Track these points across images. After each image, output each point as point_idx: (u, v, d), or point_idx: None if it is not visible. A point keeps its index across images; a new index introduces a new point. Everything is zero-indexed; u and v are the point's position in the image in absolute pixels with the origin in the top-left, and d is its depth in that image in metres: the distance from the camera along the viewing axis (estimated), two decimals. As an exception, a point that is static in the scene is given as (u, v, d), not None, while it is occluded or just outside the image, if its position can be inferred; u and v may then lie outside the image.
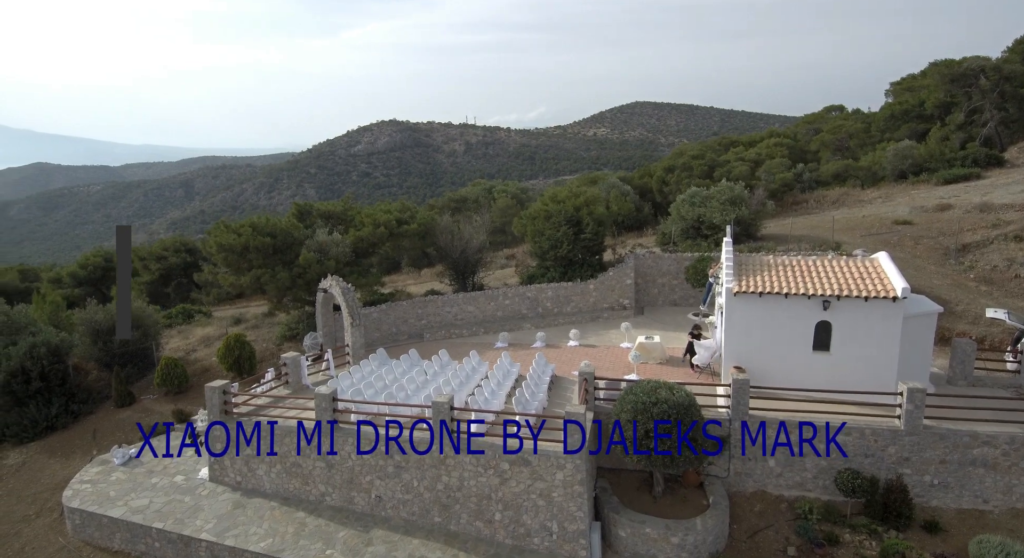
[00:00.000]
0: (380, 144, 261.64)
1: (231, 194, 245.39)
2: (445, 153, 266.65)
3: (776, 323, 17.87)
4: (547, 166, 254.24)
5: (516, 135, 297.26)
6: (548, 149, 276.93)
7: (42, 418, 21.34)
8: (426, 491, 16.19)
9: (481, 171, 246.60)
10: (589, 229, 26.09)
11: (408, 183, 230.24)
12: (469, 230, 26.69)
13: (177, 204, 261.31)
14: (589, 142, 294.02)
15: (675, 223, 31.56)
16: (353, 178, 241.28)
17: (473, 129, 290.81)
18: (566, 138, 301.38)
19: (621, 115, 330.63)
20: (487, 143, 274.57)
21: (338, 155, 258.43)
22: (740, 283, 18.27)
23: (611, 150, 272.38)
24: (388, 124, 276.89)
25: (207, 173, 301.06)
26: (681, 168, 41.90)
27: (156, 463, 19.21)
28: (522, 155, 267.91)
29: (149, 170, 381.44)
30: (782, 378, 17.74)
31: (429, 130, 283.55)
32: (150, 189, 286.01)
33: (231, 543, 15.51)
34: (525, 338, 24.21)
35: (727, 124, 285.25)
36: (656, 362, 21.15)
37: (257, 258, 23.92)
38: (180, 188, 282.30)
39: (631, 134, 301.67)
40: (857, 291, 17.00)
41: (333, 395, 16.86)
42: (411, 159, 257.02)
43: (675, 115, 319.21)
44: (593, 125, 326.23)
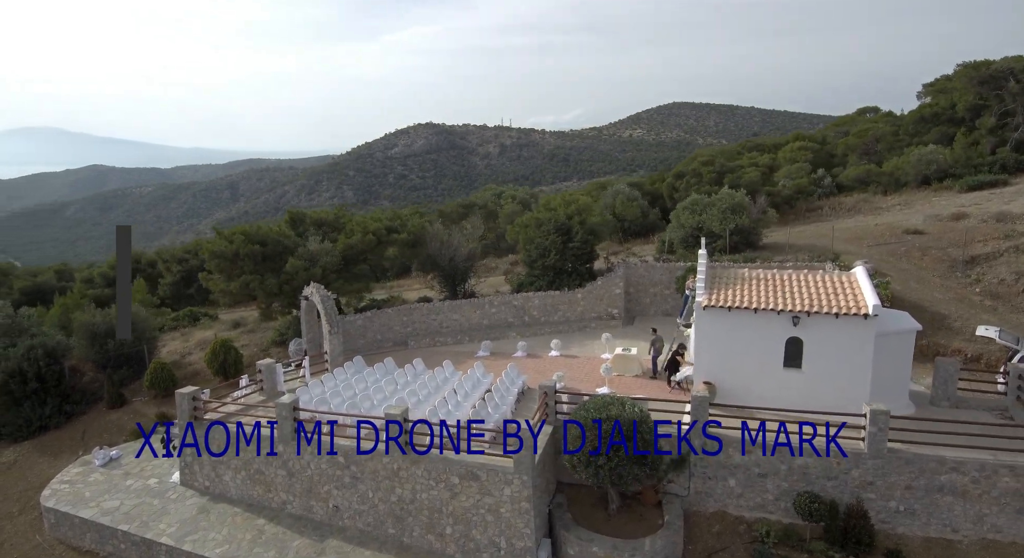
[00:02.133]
0: (416, 147, 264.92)
1: (274, 196, 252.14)
2: (479, 155, 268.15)
3: (746, 338, 17.35)
4: (581, 168, 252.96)
5: (551, 137, 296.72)
6: (583, 151, 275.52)
7: (36, 418, 22.36)
8: (381, 502, 16.26)
9: (514, 173, 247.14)
10: (578, 238, 25.80)
11: (443, 185, 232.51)
12: (459, 238, 26.73)
13: (223, 205, 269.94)
14: (625, 144, 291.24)
15: (675, 231, 30.97)
16: (389, 180, 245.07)
17: (508, 131, 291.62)
18: (601, 140, 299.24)
19: (658, 116, 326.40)
20: (521, 145, 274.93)
21: (376, 157, 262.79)
22: (709, 297, 17.80)
23: (647, 151, 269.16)
24: (424, 127, 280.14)
25: (252, 175, 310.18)
26: (691, 174, 41.06)
27: (134, 465, 19.84)
28: (556, 157, 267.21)
29: (198, 172, 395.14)
30: (753, 395, 17.25)
31: (464, 132, 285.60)
32: (198, 190, 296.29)
33: (188, 548, 15.87)
34: (509, 347, 24.08)
35: (768, 124, 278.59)
36: (632, 375, 20.77)
37: (247, 265, 24.48)
38: (226, 189, 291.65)
39: (668, 135, 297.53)
40: (828, 307, 16.36)
41: (294, 405, 17.11)
42: (446, 161, 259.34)
43: (714, 116, 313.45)
44: (629, 126, 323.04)
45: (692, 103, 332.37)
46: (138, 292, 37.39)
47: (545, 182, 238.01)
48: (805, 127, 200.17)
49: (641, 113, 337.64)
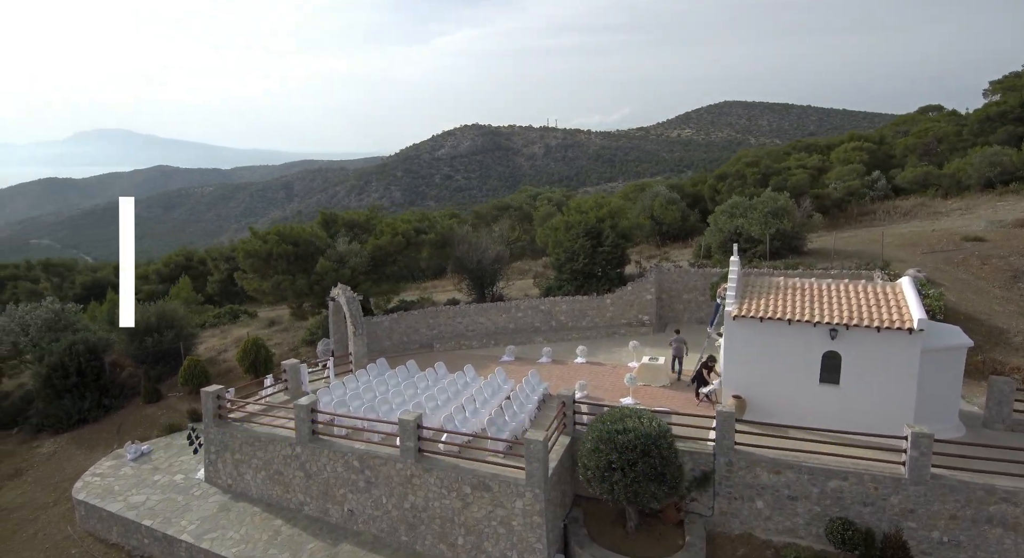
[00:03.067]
0: (462, 148, 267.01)
1: (326, 196, 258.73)
2: (525, 156, 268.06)
3: (779, 351, 16.41)
4: (627, 168, 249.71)
5: (597, 137, 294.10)
6: (629, 151, 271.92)
7: (75, 411, 23.24)
8: (394, 509, 16.08)
9: (559, 174, 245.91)
10: (609, 242, 25.10)
11: (487, 186, 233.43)
12: (487, 240, 26.42)
13: (279, 205, 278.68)
14: (673, 144, 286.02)
15: (713, 235, 29.84)
16: (436, 181, 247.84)
17: (553, 132, 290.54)
18: (648, 140, 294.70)
19: (708, 115, 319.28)
20: (567, 146, 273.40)
21: (423, 159, 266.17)
22: (740, 306, 16.93)
23: (695, 152, 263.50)
24: (471, 128, 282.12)
25: (305, 176, 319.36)
26: (734, 176, 39.59)
27: (164, 460, 20.33)
28: (602, 158, 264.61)
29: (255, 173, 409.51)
30: (786, 411, 16.31)
31: (510, 133, 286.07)
32: (255, 190, 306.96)
33: (206, 546, 16.06)
34: (534, 352, 23.63)
35: (825, 124, 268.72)
36: (659, 385, 20.00)
37: (280, 264, 24.84)
38: (282, 190, 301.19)
39: (718, 135, 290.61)
40: (869, 320, 15.28)
41: (312, 406, 17.14)
42: (491, 162, 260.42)
43: (767, 114, 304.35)
44: (678, 126, 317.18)
45: (744, 102, 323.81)
46: (183, 289, 38.69)
47: (590, 183, 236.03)
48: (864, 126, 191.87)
49: (690, 112, 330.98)
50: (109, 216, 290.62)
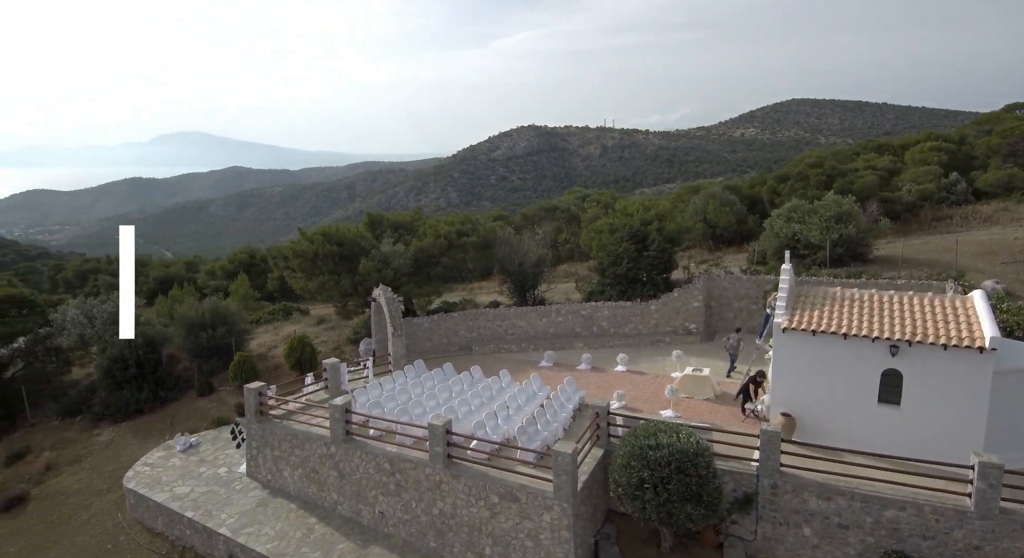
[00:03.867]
0: (518, 149, 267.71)
1: (385, 196, 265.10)
2: (580, 157, 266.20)
3: (833, 368, 15.33)
4: (686, 169, 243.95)
5: (655, 137, 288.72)
6: (688, 151, 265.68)
7: (133, 401, 24.36)
8: (423, 514, 15.95)
9: (615, 174, 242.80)
10: (654, 246, 24.26)
11: (542, 187, 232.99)
12: (529, 243, 26.05)
13: (342, 204, 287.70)
14: (735, 143, 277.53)
15: (768, 240, 28.42)
16: (491, 182, 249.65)
17: (610, 132, 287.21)
18: (710, 139, 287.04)
19: (774, 114, 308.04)
20: (623, 146, 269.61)
21: (479, 160, 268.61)
22: (791, 318, 15.92)
23: (759, 151, 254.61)
24: (527, 129, 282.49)
25: (367, 177, 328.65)
26: (796, 177, 37.66)
27: (210, 453, 20.97)
28: (660, 158, 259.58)
29: (321, 174, 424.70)
30: (839, 432, 15.25)
31: (566, 134, 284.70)
32: (321, 191, 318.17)
33: (242, 541, 16.38)
34: (573, 358, 23.09)
35: (903, 122, 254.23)
36: (702, 398, 19.11)
37: (326, 264, 25.28)
38: (345, 190, 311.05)
39: (784, 134, 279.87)
40: (934, 337, 14.03)
41: (346, 407, 17.23)
42: (546, 163, 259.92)
43: (839, 113, 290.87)
44: (741, 125, 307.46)
45: (813, 99, 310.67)
46: (241, 286, 40.18)
47: (647, 184, 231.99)
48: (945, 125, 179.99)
49: (755, 111, 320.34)
50: (188, 214, 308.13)
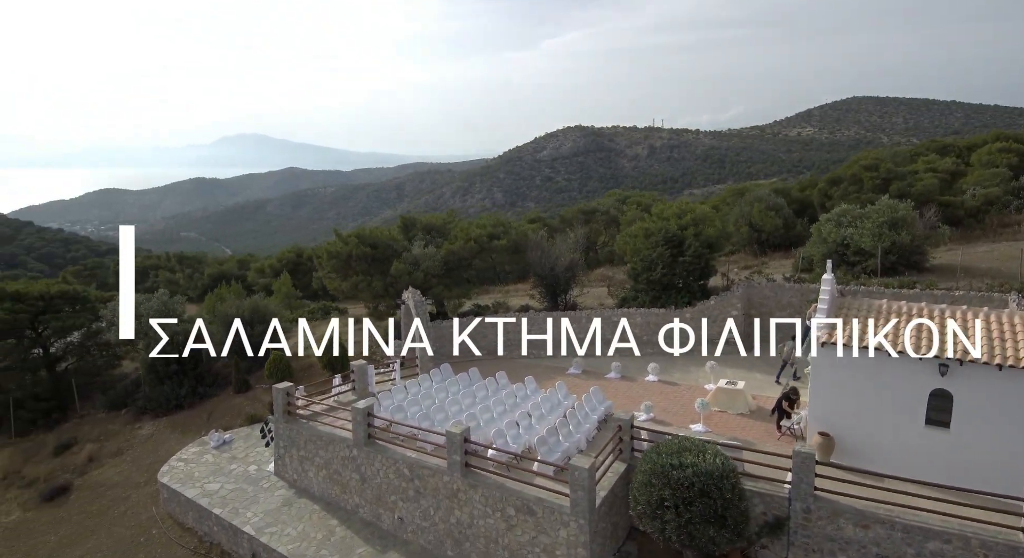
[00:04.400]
0: (564, 149, 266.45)
1: (432, 197, 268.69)
2: (628, 157, 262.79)
3: (876, 385, 14.35)
4: (738, 169, 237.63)
5: (705, 137, 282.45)
6: (740, 151, 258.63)
7: (173, 396, 25.18)
8: (441, 522, 15.76)
9: (663, 175, 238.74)
10: (691, 251, 23.41)
11: (588, 187, 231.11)
12: (561, 247, 25.58)
13: (391, 204, 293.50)
14: (791, 143, 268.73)
15: (816, 246, 27.07)
16: (536, 182, 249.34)
17: (659, 132, 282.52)
18: (763, 139, 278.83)
19: (833, 112, 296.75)
20: (672, 146, 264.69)
21: (525, 161, 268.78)
22: (832, 331, 14.98)
23: (816, 152, 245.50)
24: (573, 130, 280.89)
25: (416, 178, 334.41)
26: (849, 180, 35.83)
27: (242, 450, 21.41)
28: (710, 158, 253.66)
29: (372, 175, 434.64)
30: (881, 455, 14.28)
31: (613, 134, 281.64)
32: (371, 191, 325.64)
33: (265, 540, 16.58)
34: (603, 366, 22.50)
35: (973, 121, 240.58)
36: (736, 412, 18.26)
37: (359, 266, 25.51)
38: (394, 191, 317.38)
39: (844, 133, 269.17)
40: (988, 355, 12.91)
41: (368, 410, 17.23)
42: (593, 163, 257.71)
43: (903, 111, 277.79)
44: (798, 124, 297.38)
45: (876, 97, 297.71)
46: (284, 284, 41.11)
47: (696, 185, 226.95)
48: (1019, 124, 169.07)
49: (813, 109, 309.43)
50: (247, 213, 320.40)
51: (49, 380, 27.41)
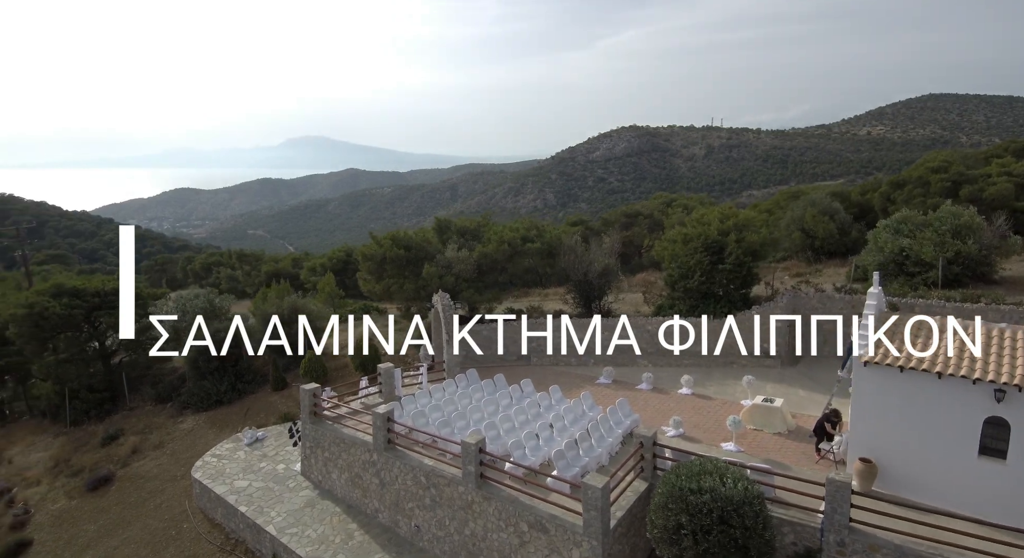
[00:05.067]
0: (618, 150, 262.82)
1: (485, 197, 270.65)
2: (683, 157, 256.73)
3: (924, 410, 13.17)
4: (802, 170, 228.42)
5: (767, 136, 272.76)
6: (805, 151, 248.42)
7: (214, 392, 25.94)
8: (456, 533, 15.48)
9: (720, 176, 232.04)
10: (731, 258, 22.32)
11: (642, 188, 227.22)
12: (596, 252, 24.88)
13: (444, 205, 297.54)
14: (860, 142, 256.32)
15: (872, 255, 25.37)
16: (588, 183, 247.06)
17: (717, 131, 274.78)
18: (830, 139, 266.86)
19: (907, 110, 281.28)
20: (731, 146, 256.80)
21: (577, 161, 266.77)
22: (876, 349, 13.87)
23: (888, 152, 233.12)
24: (627, 130, 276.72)
25: (469, 178, 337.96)
26: (914, 183, 33.47)
27: (273, 448, 21.78)
28: (772, 158, 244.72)
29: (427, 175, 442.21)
30: (929, 486, 13.15)
31: (668, 134, 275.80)
32: (426, 192, 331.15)
33: (285, 541, 16.72)
34: (634, 376, 21.73)
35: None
36: (772, 432, 17.20)
37: (392, 268, 25.62)
38: (448, 191, 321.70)
39: (918, 132, 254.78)
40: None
41: (388, 416, 17.14)
42: (647, 164, 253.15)
43: (985, 109, 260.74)
44: (868, 123, 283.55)
45: (954, 94, 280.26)
46: (328, 283, 41.95)
47: (756, 186, 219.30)
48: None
49: (885, 107, 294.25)
50: (309, 212, 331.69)
51: (104, 372, 28.82)
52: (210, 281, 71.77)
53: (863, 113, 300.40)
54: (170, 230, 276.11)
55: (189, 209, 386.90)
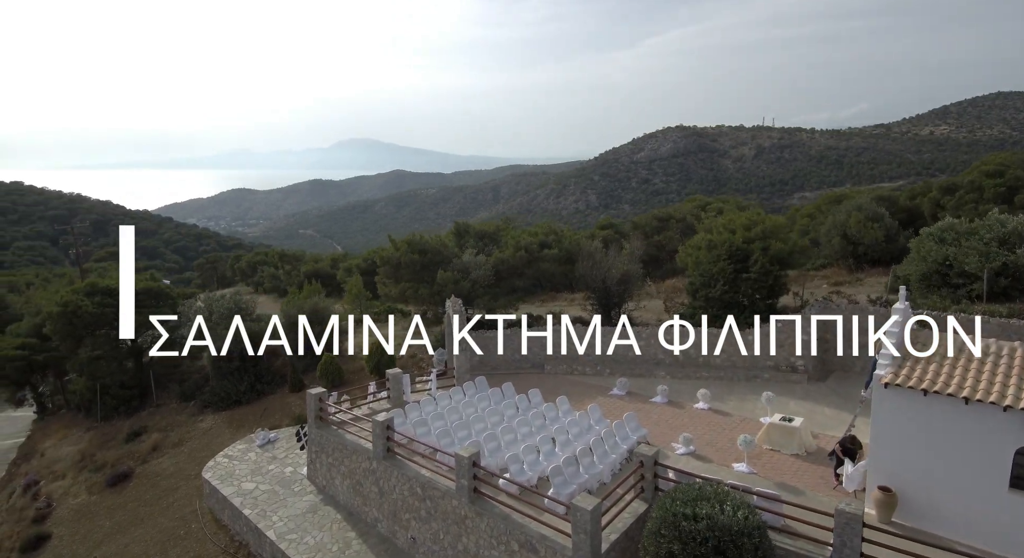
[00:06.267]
0: (663, 150, 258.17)
1: (527, 199, 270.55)
2: (732, 158, 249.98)
3: (949, 438, 12.04)
4: (859, 171, 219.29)
5: (821, 136, 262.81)
6: (862, 152, 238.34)
7: (234, 392, 26.33)
8: (449, 547, 15.07)
9: (770, 177, 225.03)
10: (756, 267, 21.20)
11: (687, 190, 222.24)
12: (616, 257, 24.06)
13: (487, 206, 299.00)
14: (922, 143, 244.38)
15: (914, 264, 23.73)
16: (632, 185, 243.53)
17: (767, 131, 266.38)
18: (889, 139, 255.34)
19: (973, 109, 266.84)
20: (782, 146, 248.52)
21: (621, 162, 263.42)
22: (898, 370, 12.78)
23: (952, 152, 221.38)
24: (673, 130, 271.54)
25: (511, 180, 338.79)
26: (967, 188, 31.29)
27: (283, 451, 21.87)
28: (826, 159, 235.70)
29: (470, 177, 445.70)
30: (955, 520, 12.04)
31: (716, 134, 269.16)
32: (469, 193, 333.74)
33: (283, 546, 16.62)
34: (650, 388, 20.87)
35: None
36: (789, 453, 16.15)
37: (407, 272, 25.48)
38: (490, 192, 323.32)
39: (986, 132, 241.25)
40: (1096, 415, 10.33)
41: (387, 424, 16.89)
42: (693, 165, 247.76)
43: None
44: (931, 122, 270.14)
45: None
46: (355, 285, 42.35)
47: (809, 187, 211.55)
48: None
49: (949, 106, 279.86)
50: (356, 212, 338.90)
51: (135, 370, 29.74)
52: (255, 279, 73.77)
53: (925, 112, 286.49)
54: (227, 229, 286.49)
55: (245, 209, 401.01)
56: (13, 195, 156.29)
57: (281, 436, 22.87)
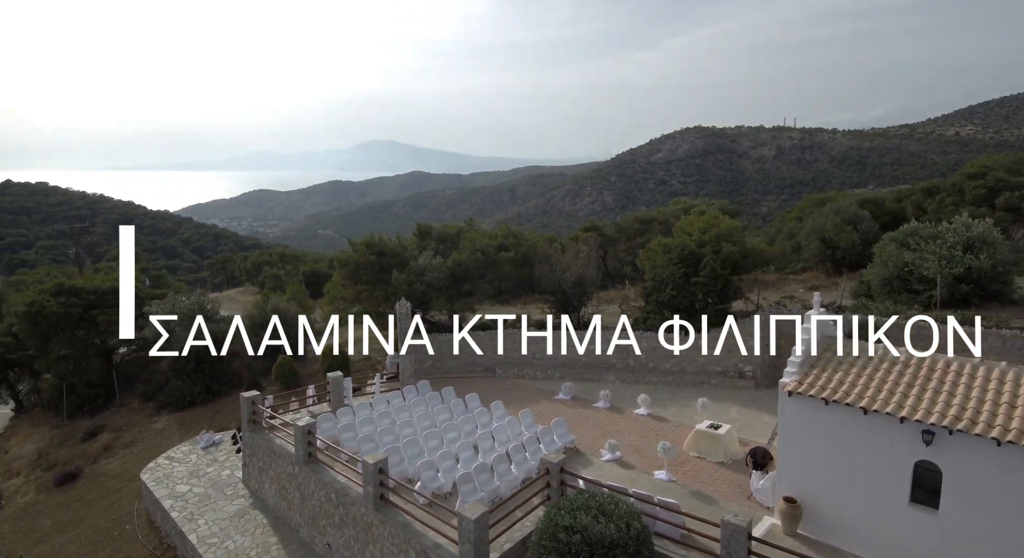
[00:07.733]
0: (681, 151, 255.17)
1: (543, 200, 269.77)
2: (751, 159, 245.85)
3: (852, 449, 11.53)
4: (881, 172, 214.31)
5: (843, 137, 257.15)
6: (885, 152, 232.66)
7: (188, 393, 26.37)
8: (359, 554, 14.81)
9: (791, 178, 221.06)
10: (706, 271, 20.61)
11: (705, 190, 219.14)
12: (570, 260, 23.59)
13: (503, 207, 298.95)
14: (947, 144, 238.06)
15: (877, 269, 22.94)
16: (649, 186, 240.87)
17: (789, 132, 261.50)
18: (914, 139, 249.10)
19: (1001, 109, 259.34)
20: (803, 147, 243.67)
21: (638, 163, 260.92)
22: (801, 379, 12.24)
23: (978, 154, 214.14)
24: (691, 131, 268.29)
25: (528, 181, 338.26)
26: (948, 190, 30.18)
27: (224, 453, 21.70)
28: (848, 160, 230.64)
29: (488, 178, 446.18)
30: (858, 533, 11.57)
31: (736, 135, 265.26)
32: (486, 194, 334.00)
33: (203, 551, 16.41)
34: (595, 393, 20.38)
35: None
36: (714, 460, 15.62)
37: (365, 274, 25.31)
38: (507, 193, 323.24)
39: (1013, 133, 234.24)
40: (984, 425, 9.77)
41: (308, 429, 16.69)
42: (711, 166, 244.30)
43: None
44: (957, 122, 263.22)
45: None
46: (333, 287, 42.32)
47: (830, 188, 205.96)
48: None
49: (975, 106, 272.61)
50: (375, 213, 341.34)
51: (103, 369, 30.02)
52: (259, 279, 74.61)
53: (952, 112, 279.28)
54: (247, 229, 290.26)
55: (266, 209, 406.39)
56: (38, 195, 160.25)
57: (225, 438, 22.74)
